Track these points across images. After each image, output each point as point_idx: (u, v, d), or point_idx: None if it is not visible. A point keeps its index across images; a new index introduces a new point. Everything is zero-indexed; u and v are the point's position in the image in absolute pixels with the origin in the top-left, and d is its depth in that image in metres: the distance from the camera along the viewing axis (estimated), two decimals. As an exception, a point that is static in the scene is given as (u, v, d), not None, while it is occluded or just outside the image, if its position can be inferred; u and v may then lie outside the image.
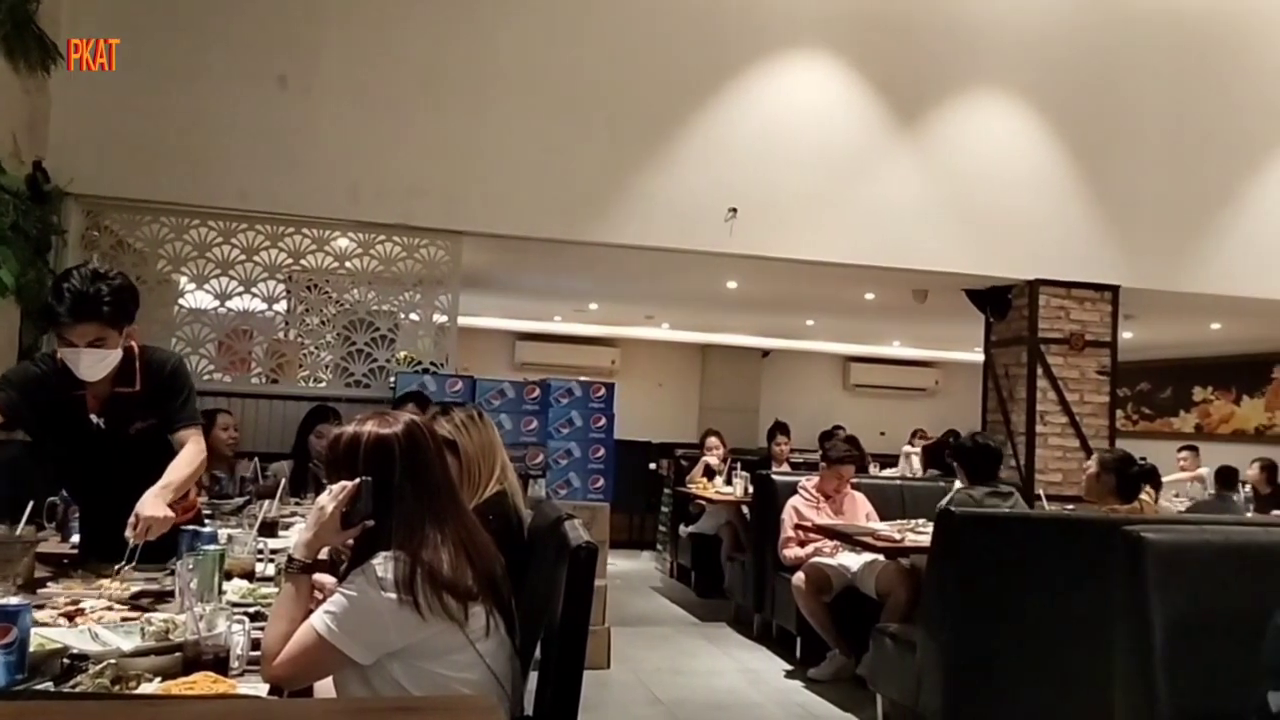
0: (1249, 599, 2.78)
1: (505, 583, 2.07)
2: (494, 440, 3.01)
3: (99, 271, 2.71)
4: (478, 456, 2.90)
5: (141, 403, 2.83)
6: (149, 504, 2.57)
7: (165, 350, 3.13)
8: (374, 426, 2.03)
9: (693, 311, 11.29)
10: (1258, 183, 7.35)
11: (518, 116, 6.21)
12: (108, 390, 2.80)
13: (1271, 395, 10.57)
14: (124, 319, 2.72)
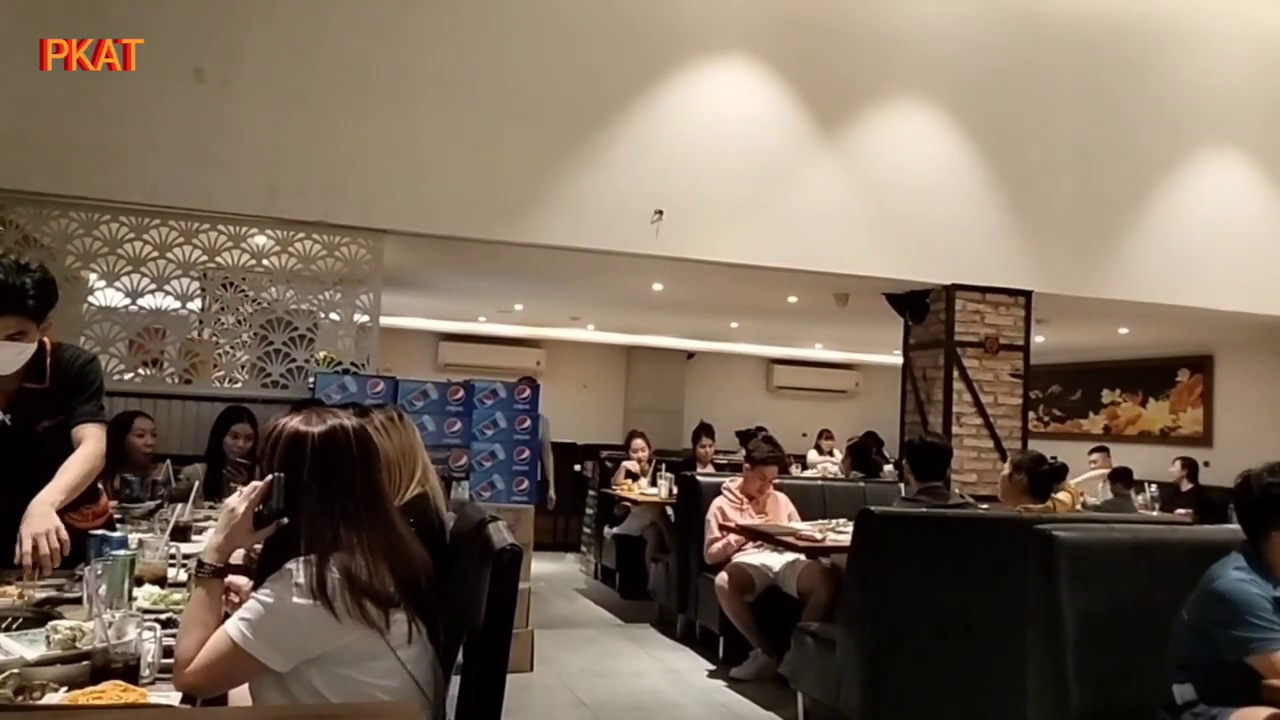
0: (1155, 595, 2.88)
1: (429, 588, 2.04)
2: (414, 442, 2.98)
3: (21, 263, 2.62)
4: (398, 459, 2.87)
5: (50, 399, 2.73)
6: (35, 518, 2.37)
7: (77, 347, 3.02)
8: (296, 422, 1.98)
9: (618, 313, 11.31)
10: (1162, 194, 7.63)
11: (443, 115, 6.15)
12: (15, 385, 2.69)
13: (1176, 398, 10.99)
14: (45, 312, 2.64)
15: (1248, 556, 2.66)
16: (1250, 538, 2.70)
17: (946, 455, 4.95)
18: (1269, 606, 2.53)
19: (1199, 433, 10.55)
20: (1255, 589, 2.55)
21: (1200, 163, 7.71)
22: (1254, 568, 2.62)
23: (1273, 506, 2.65)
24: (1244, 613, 2.52)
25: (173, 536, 2.93)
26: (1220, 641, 2.56)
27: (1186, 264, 7.61)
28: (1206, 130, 7.73)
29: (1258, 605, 2.52)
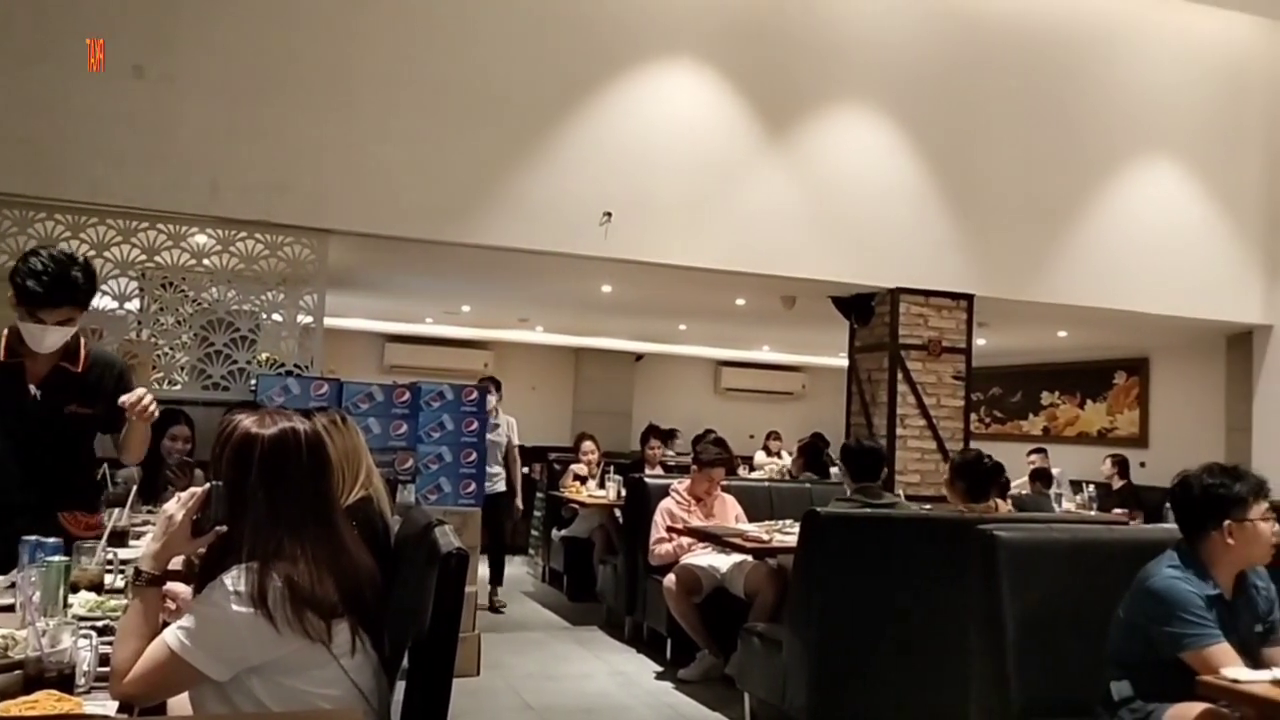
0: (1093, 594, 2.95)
1: (373, 593, 2.01)
2: (358, 445, 2.96)
3: (69, 255, 2.92)
4: (340, 462, 2.82)
5: (80, 385, 2.95)
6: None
7: (112, 352, 3.35)
8: (249, 423, 1.94)
9: (567, 315, 11.29)
10: (1100, 199, 7.80)
11: (389, 113, 6.09)
12: (50, 365, 2.93)
13: (1113, 400, 11.24)
14: (89, 300, 2.97)
15: (1182, 555, 2.72)
16: (1187, 537, 2.76)
17: (881, 457, 5.03)
18: (1202, 604, 2.59)
19: (1135, 434, 10.81)
20: (1189, 586, 2.62)
21: (1137, 169, 7.90)
22: (1188, 566, 2.68)
23: (1212, 507, 2.70)
24: (1177, 610, 2.58)
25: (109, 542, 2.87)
26: (1155, 638, 2.62)
27: (1123, 269, 7.79)
28: (1143, 137, 7.92)
29: (1191, 602, 2.58)
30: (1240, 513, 2.67)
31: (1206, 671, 2.46)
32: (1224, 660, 2.47)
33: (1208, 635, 2.54)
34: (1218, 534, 2.68)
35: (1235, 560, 2.70)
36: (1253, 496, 2.69)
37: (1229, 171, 8.12)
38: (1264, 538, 2.68)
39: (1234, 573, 2.73)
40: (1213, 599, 2.63)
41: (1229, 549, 2.68)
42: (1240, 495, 2.69)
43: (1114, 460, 9.35)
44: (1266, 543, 2.69)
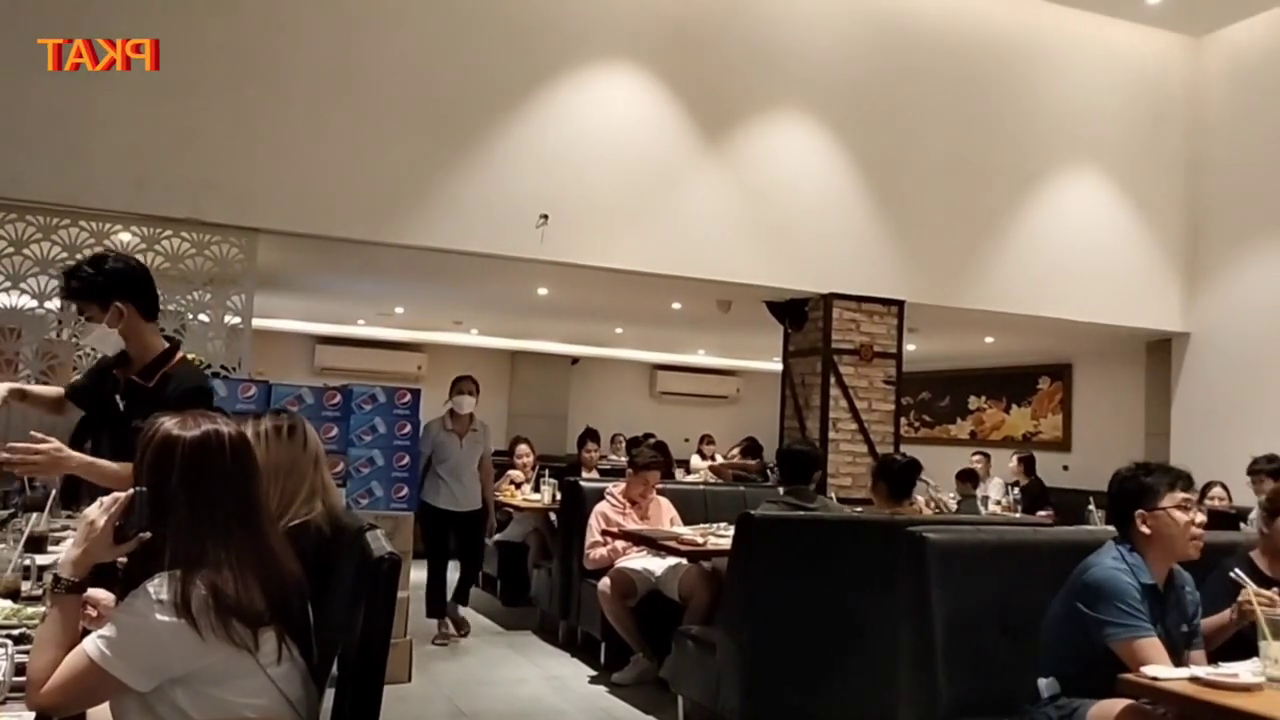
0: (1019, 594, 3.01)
1: (300, 600, 1.97)
2: (297, 461, 2.49)
3: (98, 254, 3.11)
4: (268, 473, 2.34)
5: (150, 400, 2.85)
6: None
7: (199, 372, 3.29)
8: (171, 425, 1.89)
9: (502, 317, 11.23)
10: (1027, 209, 8.00)
11: (322, 111, 6.00)
12: (125, 376, 2.99)
13: (1037, 404, 11.52)
14: (93, 298, 2.93)
15: (1120, 549, 2.80)
16: (1121, 532, 2.86)
17: (813, 460, 5.09)
18: (1138, 595, 2.67)
19: (1059, 437, 11.09)
20: (1128, 578, 2.69)
21: (1063, 179, 8.12)
22: (1128, 559, 2.76)
23: (1126, 499, 2.81)
24: (1114, 599, 2.66)
25: (27, 548, 2.78)
26: (1089, 626, 2.69)
27: (1048, 276, 7.99)
28: (1069, 148, 8.14)
29: (1128, 594, 2.66)
30: (1151, 502, 2.77)
31: (1134, 663, 2.53)
32: (1150, 653, 2.55)
33: (1139, 628, 2.62)
34: (1143, 527, 2.77)
35: (1162, 550, 2.78)
36: (1164, 487, 2.78)
37: (1150, 182, 8.39)
38: (1179, 526, 2.76)
39: (1165, 566, 2.81)
40: (1148, 588, 2.71)
41: (1149, 539, 2.77)
42: (1149, 486, 2.79)
43: (1020, 459, 9.60)
44: (1183, 532, 2.76)
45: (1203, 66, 8.50)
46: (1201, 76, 8.50)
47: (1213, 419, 8.18)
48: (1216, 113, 8.40)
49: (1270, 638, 2.38)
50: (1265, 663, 2.37)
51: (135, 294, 2.96)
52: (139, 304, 2.96)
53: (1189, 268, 8.47)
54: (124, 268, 3.03)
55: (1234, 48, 8.30)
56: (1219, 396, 8.18)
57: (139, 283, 3.00)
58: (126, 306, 2.93)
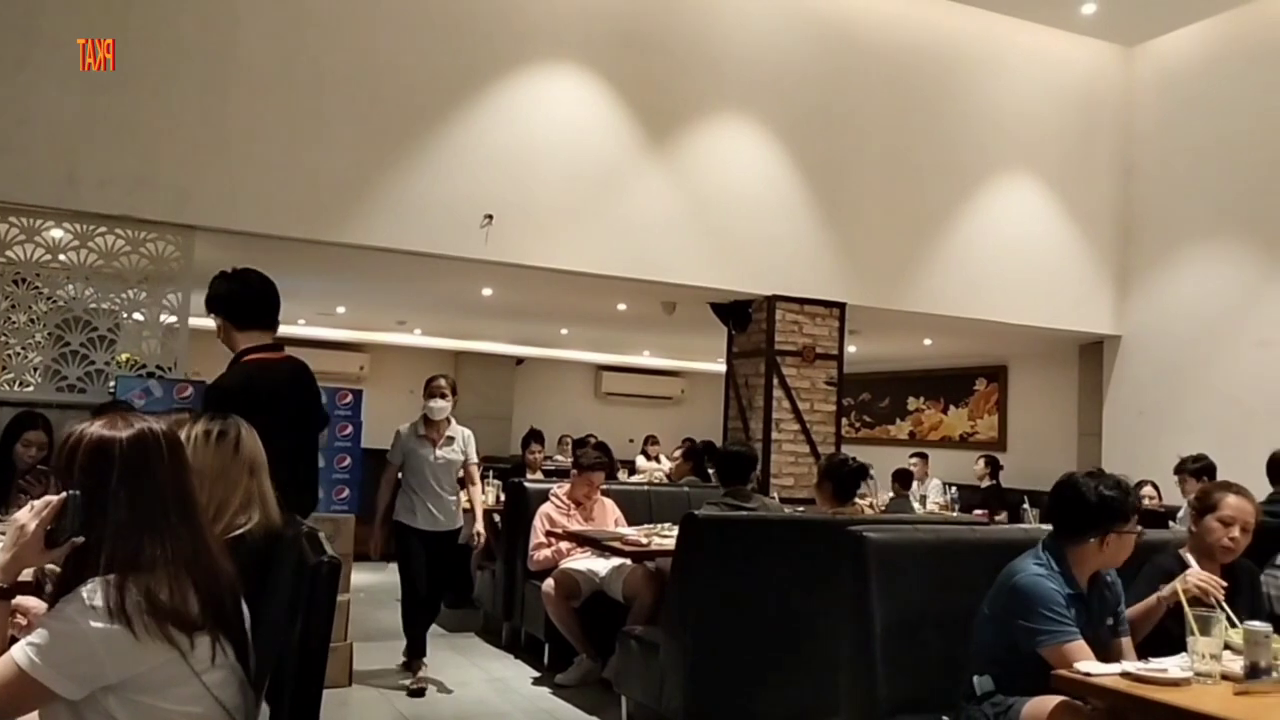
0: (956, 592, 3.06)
1: (236, 605, 1.94)
2: (228, 468, 2.32)
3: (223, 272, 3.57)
4: (198, 482, 2.10)
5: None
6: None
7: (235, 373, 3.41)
8: (99, 427, 1.85)
9: (446, 318, 11.14)
10: (965, 213, 8.14)
11: (262, 106, 5.90)
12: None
13: (974, 405, 11.72)
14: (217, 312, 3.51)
15: (1048, 553, 2.84)
16: (1061, 537, 2.87)
17: (750, 461, 5.13)
18: (1063, 601, 2.71)
19: (994, 438, 11.30)
20: (1051, 584, 2.73)
21: (1000, 184, 8.28)
22: (1051, 564, 2.80)
23: (1103, 517, 2.78)
24: (1039, 606, 2.70)
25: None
26: (1016, 633, 2.74)
27: (985, 280, 8.14)
28: (1005, 153, 8.30)
29: (1053, 600, 2.70)
30: (1123, 525, 2.80)
31: (1062, 666, 2.58)
32: (1079, 656, 2.60)
33: (1065, 632, 2.67)
34: (1096, 542, 2.79)
35: (1098, 565, 2.84)
36: (1131, 510, 2.82)
37: (1084, 189, 8.59)
38: (1129, 548, 2.83)
39: (1091, 574, 2.87)
40: (1072, 598, 2.76)
41: (1098, 555, 2.81)
42: (1130, 509, 2.81)
43: (986, 460, 9.75)
44: (1128, 552, 2.84)
45: (1134, 76, 8.73)
46: (1133, 85, 8.72)
47: (1142, 419, 8.39)
48: (1147, 121, 8.63)
49: (1198, 633, 2.45)
50: (1193, 658, 2.44)
51: (224, 309, 3.49)
52: (230, 317, 3.49)
53: (1120, 272, 8.69)
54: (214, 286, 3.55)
55: (1163, 58, 8.53)
56: (1148, 397, 8.40)
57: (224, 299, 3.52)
58: (220, 320, 3.50)
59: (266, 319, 3.53)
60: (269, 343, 3.46)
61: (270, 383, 3.36)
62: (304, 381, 3.55)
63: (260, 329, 3.48)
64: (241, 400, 2.93)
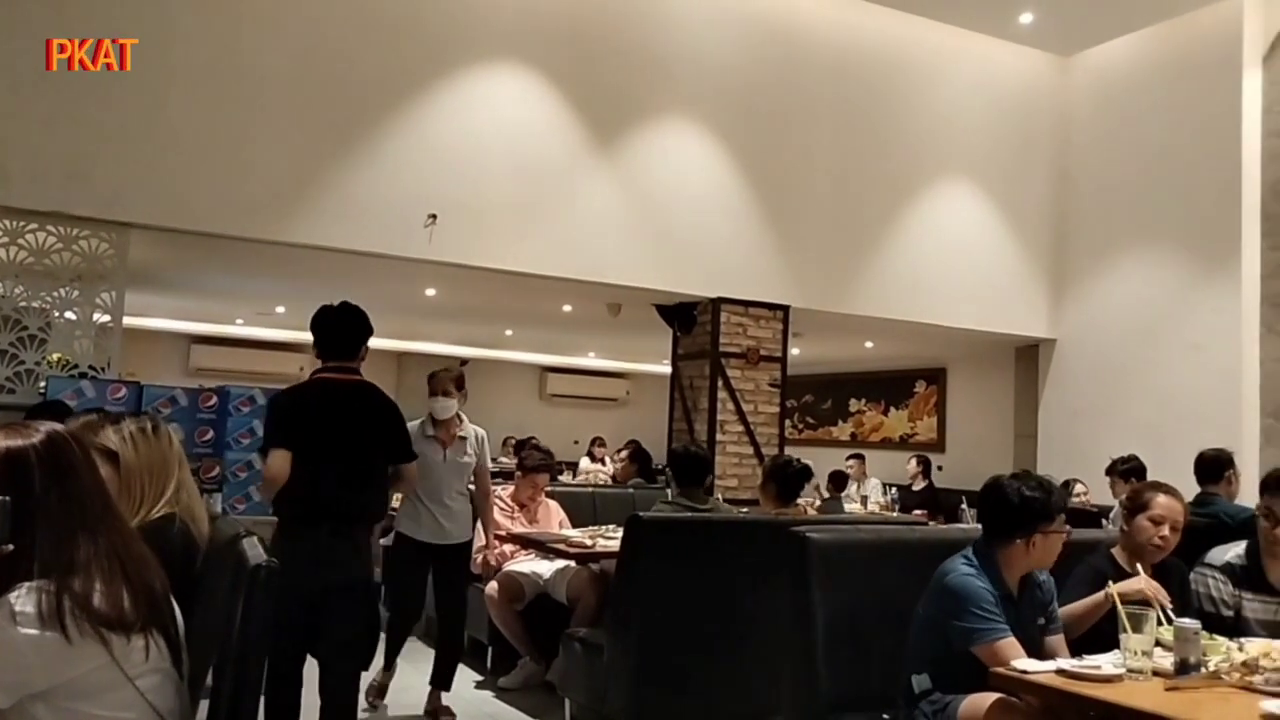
0: (897, 591, 3.10)
1: (169, 606, 1.90)
2: (167, 457, 2.65)
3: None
4: (141, 473, 2.59)
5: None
6: None
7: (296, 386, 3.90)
8: (2, 440, 1.80)
9: (389, 318, 11.01)
10: (906, 217, 8.26)
11: (200, 102, 5.79)
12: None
13: (913, 407, 11.90)
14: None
15: (978, 554, 2.88)
16: (990, 539, 2.91)
17: (706, 464, 5.14)
18: (993, 600, 2.76)
19: (933, 439, 11.48)
20: (981, 583, 2.78)
21: (940, 189, 8.41)
22: (981, 565, 2.84)
23: (1026, 518, 2.82)
24: (969, 605, 2.74)
25: None
26: (949, 632, 2.78)
27: (925, 284, 8.27)
28: (945, 159, 8.44)
29: (983, 598, 2.75)
30: (1049, 525, 2.83)
31: (994, 664, 2.62)
32: (1010, 654, 2.64)
33: (996, 630, 2.71)
34: (1022, 543, 2.82)
35: (1028, 565, 2.89)
36: (1057, 510, 2.86)
37: (1021, 194, 8.76)
38: (1057, 548, 2.88)
39: (1022, 575, 2.91)
40: (1001, 598, 2.81)
41: (1026, 556, 2.85)
42: (1054, 509, 2.84)
43: (919, 460, 9.90)
44: (1057, 552, 2.89)
45: (1070, 85, 8.93)
46: (1069, 95, 8.92)
47: (1076, 421, 8.59)
48: (1082, 129, 8.83)
49: (1130, 631, 2.51)
50: (1125, 654, 2.49)
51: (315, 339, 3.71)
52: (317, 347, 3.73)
53: (1055, 277, 8.88)
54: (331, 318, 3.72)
55: (1098, 69, 8.74)
56: (1082, 400, 8.59)
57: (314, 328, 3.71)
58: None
59: (337, 348, 3.73)
60: (336, 365, 3.70)
61: (312, 402, 3.67)
62: (353, 408, 3.71)
63: (332, 356, 3.72)
64: (284, 404, 3.71)
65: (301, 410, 3.60)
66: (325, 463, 3.53)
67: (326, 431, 3.58)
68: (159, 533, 2.51)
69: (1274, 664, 2.45)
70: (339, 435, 3.60)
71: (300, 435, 3.53)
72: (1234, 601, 3.15)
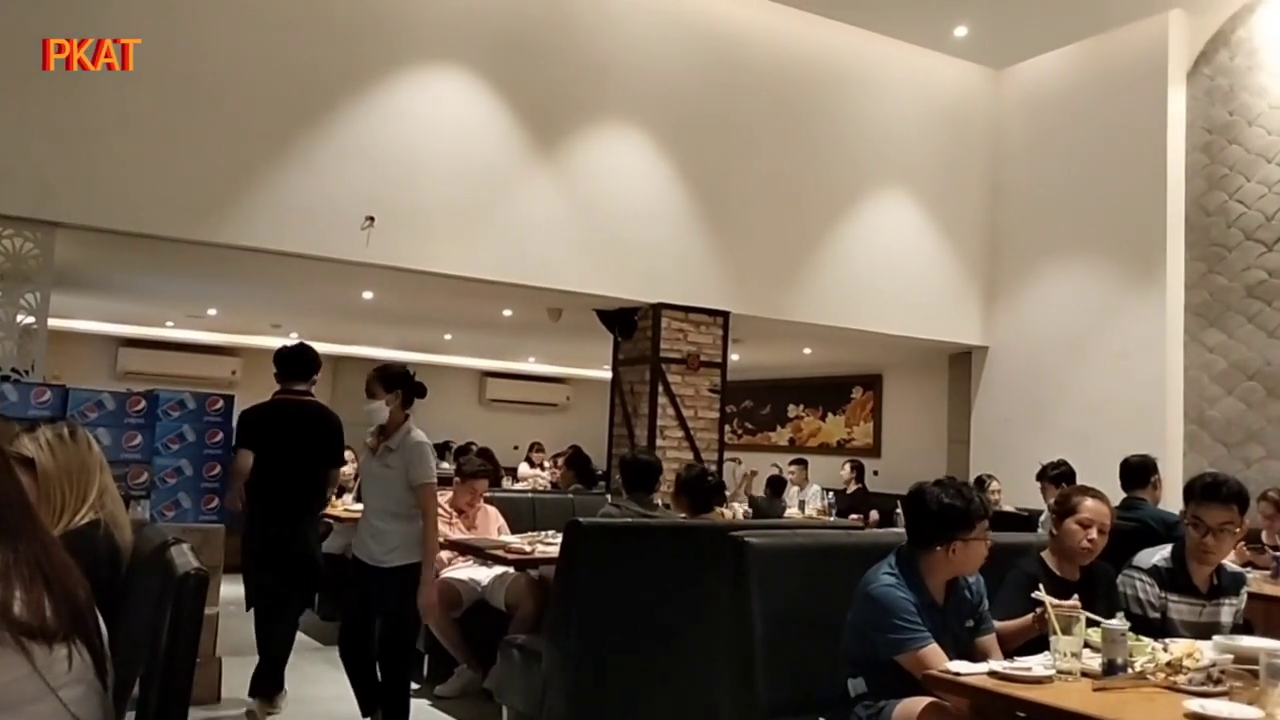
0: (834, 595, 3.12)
1: (93, 615, 1.85)
2: (88, 463, 2.60)
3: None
4: (60, 479, 2.52)
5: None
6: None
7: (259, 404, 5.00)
8: None
9: (325, 321, 10.86)
10: (844, 227, 8.36)
11: (130, 98, 5.65)
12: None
13: (850, 413, 12.05)
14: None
15: (900, 562, 2.90)
16: (913, 545, 2.94)
17: (657, 471, 5.13)
18: (914, 609, 2.77)
19: (870, 444, 11.64)
20: (901, 593, 2.79)
21: (877, 199, 8.54)
22: (903, 573, 2.86)
23: (945, 525, 2.84)
24: (891, 615, 2.77)
25: None
26: (874, 641, 2.81)
27: (862, 292, 8.38)
28: (882, 169, 8.56)
29: (903, 608, 2.77)
30: (968, 532, 2.85)
31: (919, 671, 2.65)
32: (933, 661, 2.67)
33: (917, 639, 2.74)
34: (943, 550, 2.85)
35: (951, 571, 2.91)
36: (977, 517, 2.88)
37: (955, 205, 8.93)
38: (980, 554, 2.91)
39: (946, 580, 2.94)
40: (924, 605, 2.83)
41: (949, 562, 2.87)
42: (973, 516, 2.86)
43: (852, 465, 10.02)
44: (980, 558, 2.93)
45: (1003, 98, 9.12)
46: (1002, 107, 9.12)
47: (1007, 426, 8.76)
48: (1014, 142, 9.03)
49: (1060, 633, 2.56)
50: (1055, 656, 2.54)
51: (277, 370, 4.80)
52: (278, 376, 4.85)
53: (988, 286, 9.06)
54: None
55: (1030, 82, 8.95)
56: (1013, 406, 8.77)
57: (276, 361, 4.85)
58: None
59: (295, 375, 4.95)
60: (294, 388, 4.93)
61: (270, 415, 4.90)
62: (299, 422, 4.91)
63: (291, 380, 4.94)
64: (252, 417, 4.89)
65: (265, 422, 4.72)
66: (280, 463, 4.74)
67: (281, 439, 4.78)
68: (83, 540, 2.45)
69: (1197, 664, 2.52)
70: (290, 443, 4.79)
71: (260, 441, 4.75)
72: (1160, 604, 3.22)
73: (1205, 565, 3.26)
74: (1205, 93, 7.79)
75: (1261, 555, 5.15)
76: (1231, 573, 3.38)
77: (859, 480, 9.85)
